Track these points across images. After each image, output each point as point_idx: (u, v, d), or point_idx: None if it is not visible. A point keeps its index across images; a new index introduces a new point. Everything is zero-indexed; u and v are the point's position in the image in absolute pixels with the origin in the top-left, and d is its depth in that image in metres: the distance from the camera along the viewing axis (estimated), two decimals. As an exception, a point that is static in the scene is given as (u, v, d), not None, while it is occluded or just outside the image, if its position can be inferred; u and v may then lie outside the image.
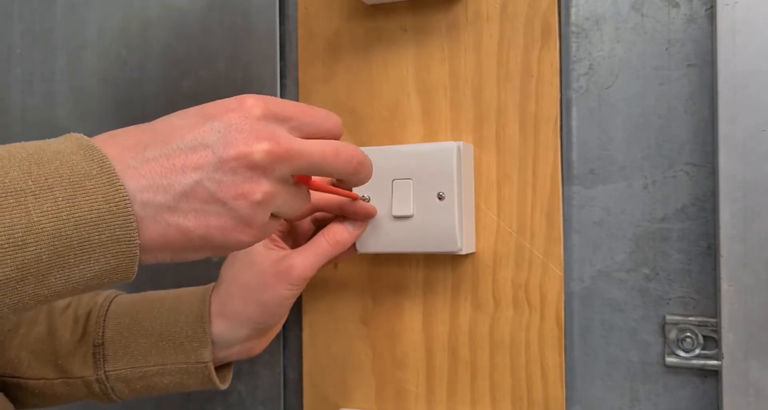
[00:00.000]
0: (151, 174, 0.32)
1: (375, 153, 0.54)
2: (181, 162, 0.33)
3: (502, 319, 0.54)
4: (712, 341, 0.50)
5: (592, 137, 0.53)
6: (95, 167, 0.31)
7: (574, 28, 0.54)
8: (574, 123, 0.54)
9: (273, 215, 0.38)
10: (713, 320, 0.50)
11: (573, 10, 0.54)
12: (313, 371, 0.60)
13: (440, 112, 0.56)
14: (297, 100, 0.62)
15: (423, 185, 0.52)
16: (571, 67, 0.54)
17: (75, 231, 0.30)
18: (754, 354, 0.47)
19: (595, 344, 0.53)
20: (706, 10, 0.50)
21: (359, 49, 0.59)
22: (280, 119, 0.36)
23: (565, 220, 0.54)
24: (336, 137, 0.40)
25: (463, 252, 0.52)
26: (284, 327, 0.63)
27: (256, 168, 0.34)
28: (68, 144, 0.32)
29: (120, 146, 0.33)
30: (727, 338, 0.47)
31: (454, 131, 0.55)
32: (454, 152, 0.51)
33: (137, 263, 0.33)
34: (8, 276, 0.29)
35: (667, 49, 0.51)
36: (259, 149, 0.34)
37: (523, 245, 0.53)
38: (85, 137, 0.33)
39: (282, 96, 0.63)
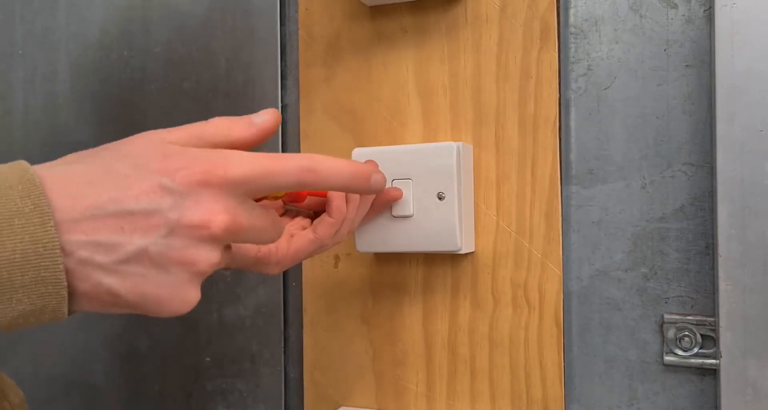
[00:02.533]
0: (94, 232, 0.31)
1: (375, 153, 0.54)
2: (131, 226, 0.31)
3: (501, 318, 0.54)
4: (710, 340, 0.50)
5: (590, 137, 0.54)
6: (29, 204, 0.30)
7: (572, 29, 0.54)
8: (573, 123, 0.54)
9: None
10: (711, 319, 0.50)
11: (572, 11, 0.54)
12: (314, 369, 0.61)
13: (440, 112, 0.56)
14: (298, 100, 0.62)
15: (423, 185, 0.52)
16: (569, 68, 0.54)
17: None
18: (752, 352, 0.47)
19: (593, 343, 0.54)
20: (705, 11, 0.51)
21: (359, 50, 0.59)
22: (240, 184, 0.34)
23: (563, 220, 0.54)
24: (306, 185, 0.37)
25: (463, 252, 0.52)
26: (285, 325, 0.63)
27: (208, 240, 0.33)
28: (10, 176, 0.31)
29: (68, 194, 0.31)
30: (725, 337, 0.47)
31: (454, 131, 0.56)
32: (453, 152, 0.51)
33: (66, 304, 0.31)
34: None
35: (665, 49, 0.52)
36: (215, 224, 0.33)
37: (522, 244, 0.53)
38: (31, 168, 0.31)
39: (283, 97, 0.63)
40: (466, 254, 0.55)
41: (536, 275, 0.53)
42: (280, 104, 0.63)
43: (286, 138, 0.63)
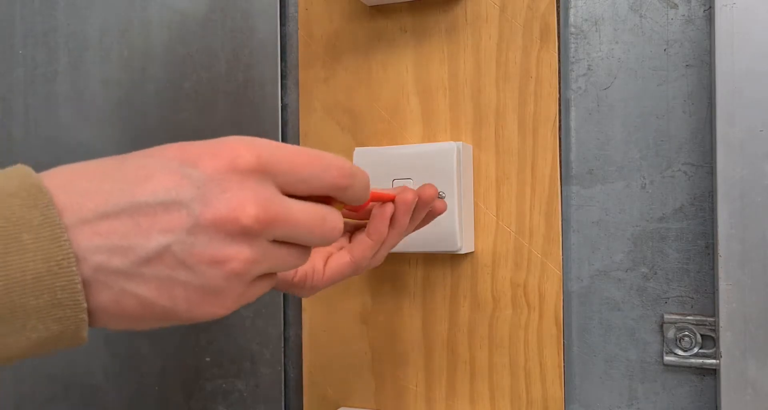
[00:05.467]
0: (109, 233, 0.27)
1: (375, 153, 0.54)
2: (148, 222, 0.27)
3: (501, 318, 0.54)
4: (710, 340, 0.50)
5: (590, 137, 0.54)
6: (37, 215, 0.26)
7: (572, 30, 0.54)
8: (573, 123, 0.54)
9: (262, 275, 0.32)
10: (711, 319, 0.50)
11: (572, 12, 0.54)
12: (314, 370, 0.61)
13: (440, 112, 0.56)
14: (297, 100, 0.62)
15: (422, 185, 0.52)
16: (569, 68, 0.54)
17: (5, 296, 0.25)
18: (752, 352, 0.47)
19: (593, 343, 0.54)
20: (705, 11, 0.51)
21: (359, 50, 0.59)
22: (272, 173, 0.30)
23: (563, 220, 0.54)
24: (339, 191, 0.33)
25: (463, 252, 0.52)
26: (284, 325, 0.63)
27: (237, 234, 0.29)
28: (10, 182, 0.27)
29: (75, 192, 0.27)
30: (725, 337, 0.47)
31: (454, 131, 0.56)
32: (453, 152, 0.51)
33: (86, 328, 0.28)
34: None
35: (665, 49, 0.52)
36: (244, 214, 0.28)
37: (522, 244, 0.53)
38: (34, 173, 0.27)
39: (282, 97, 0.63)
40: (466, 254, 0.55)
41: (536, 275, 0.53)
42: (280, 104, 0.63)
43: (285, 138, 0.63)
